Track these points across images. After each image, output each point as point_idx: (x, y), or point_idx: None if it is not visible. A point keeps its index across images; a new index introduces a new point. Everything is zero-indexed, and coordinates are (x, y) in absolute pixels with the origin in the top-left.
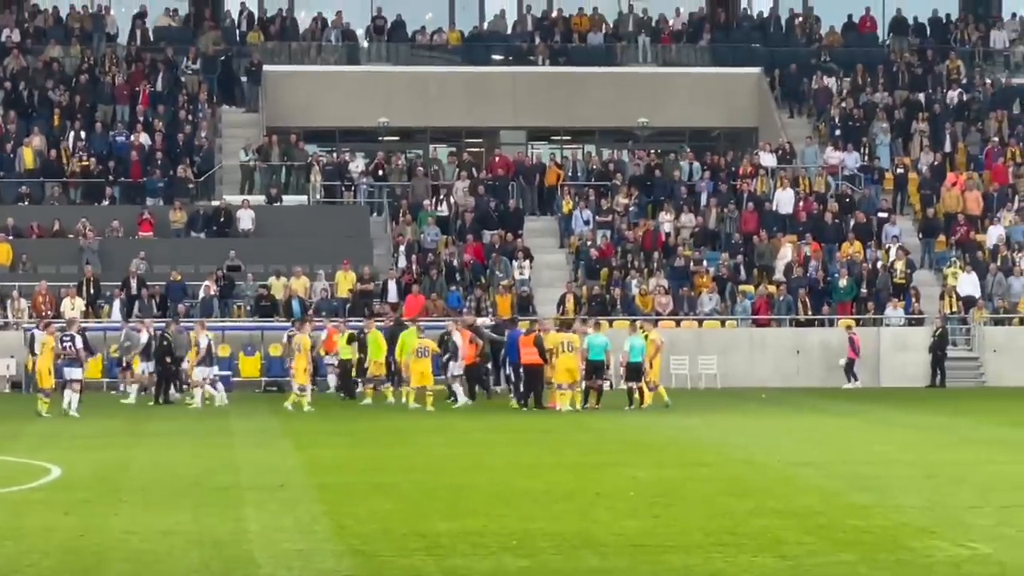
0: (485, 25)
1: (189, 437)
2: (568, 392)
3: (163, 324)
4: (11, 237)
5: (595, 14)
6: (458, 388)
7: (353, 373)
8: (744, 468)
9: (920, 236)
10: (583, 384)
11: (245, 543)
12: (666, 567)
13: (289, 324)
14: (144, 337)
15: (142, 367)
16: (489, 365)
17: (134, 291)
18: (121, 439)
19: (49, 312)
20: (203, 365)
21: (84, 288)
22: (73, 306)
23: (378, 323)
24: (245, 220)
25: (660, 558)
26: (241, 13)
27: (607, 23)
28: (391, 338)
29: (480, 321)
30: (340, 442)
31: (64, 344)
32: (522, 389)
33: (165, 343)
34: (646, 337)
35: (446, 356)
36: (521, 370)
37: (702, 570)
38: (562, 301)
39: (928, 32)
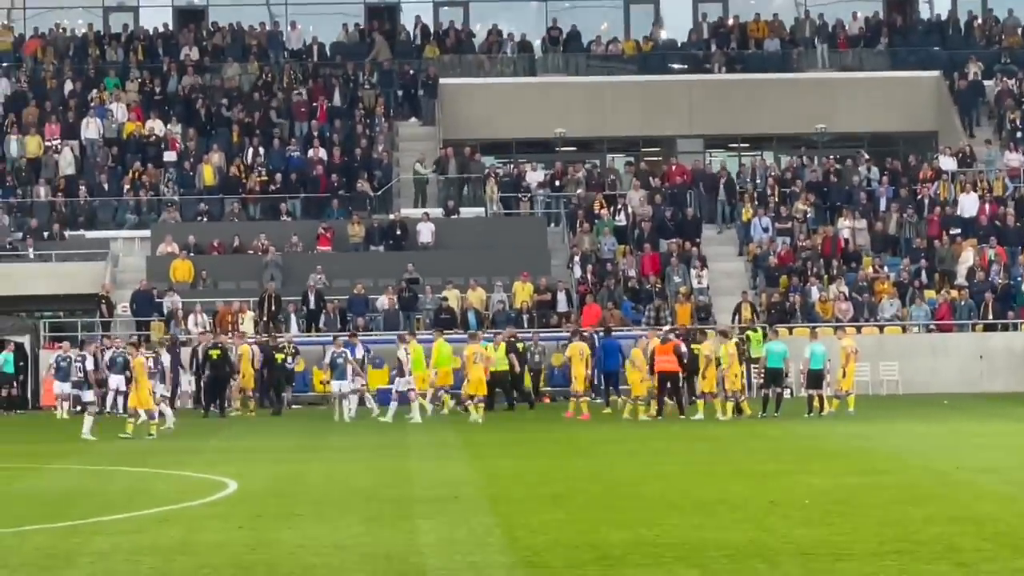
0: (662, 34)
1: (364, 451)
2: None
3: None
4: (192, 254)
5: (771, 20)
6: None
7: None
8: (922, 475)
9: None
10: (726, 392)
11: (417, 555)
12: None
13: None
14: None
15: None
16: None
17: (312, 305)
18: (297, 454)
19: (232, 328)
20: (340, 379)
21: (265, 304)
22: (244, 320)
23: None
24: (425, 233)
25: (833, 567)
26: (416, 26)
27: (784, 29)
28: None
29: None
30: (514, 452)
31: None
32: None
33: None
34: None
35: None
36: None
37: None
38: (738, 309)
39: None
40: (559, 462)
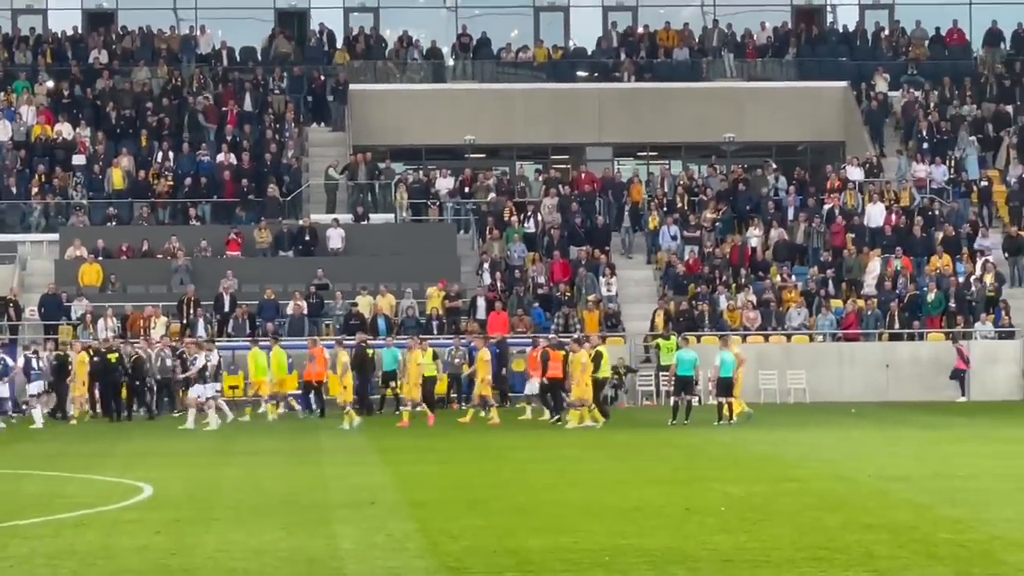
0: (572, 42)
1: (279, 456)
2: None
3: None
4: (101, 258)
5: (681, 30)
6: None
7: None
8: (835, 483)
9: (1006, 255)
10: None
11: (337, 561)
12: None
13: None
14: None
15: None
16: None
17: (226, 309)
18: (212, 458)
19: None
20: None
21: (183, 308)
22: (156, 325)
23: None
24: (335, 239)
25: (752, 573)
26: (326, 32)
27: (693, 38)
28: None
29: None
30: (430, 458)
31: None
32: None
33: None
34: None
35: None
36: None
37: None
38: (653, 317)
39: (1020, 43)
40: (475, 468)
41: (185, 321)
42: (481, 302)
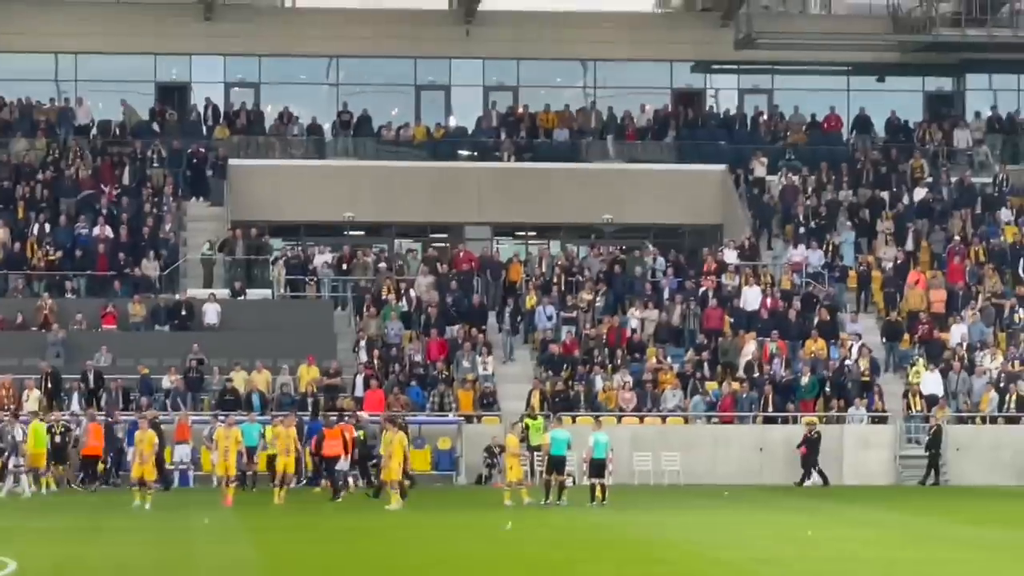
0: (452, 121)
1: (148, 533)
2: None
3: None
4: None
5: (561, 111)
6: None
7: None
8: (706, 566)
9: (884, 340)
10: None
11: None
12: None
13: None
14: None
15: None
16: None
17: (92, 384)
18: (79, 534)
19: (11, 406)
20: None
21: (44, 382)
22: (29, 398)
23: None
24: (210, 314)
25: None
26: (207, 108)
27: (573, 119)
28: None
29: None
30: (301, 538)
31: None
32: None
33: None
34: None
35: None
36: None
37: None
38: (529, 396)
39: (893, 131)
40: (348, 547)
41: (45, 396)
42: (359, 380)
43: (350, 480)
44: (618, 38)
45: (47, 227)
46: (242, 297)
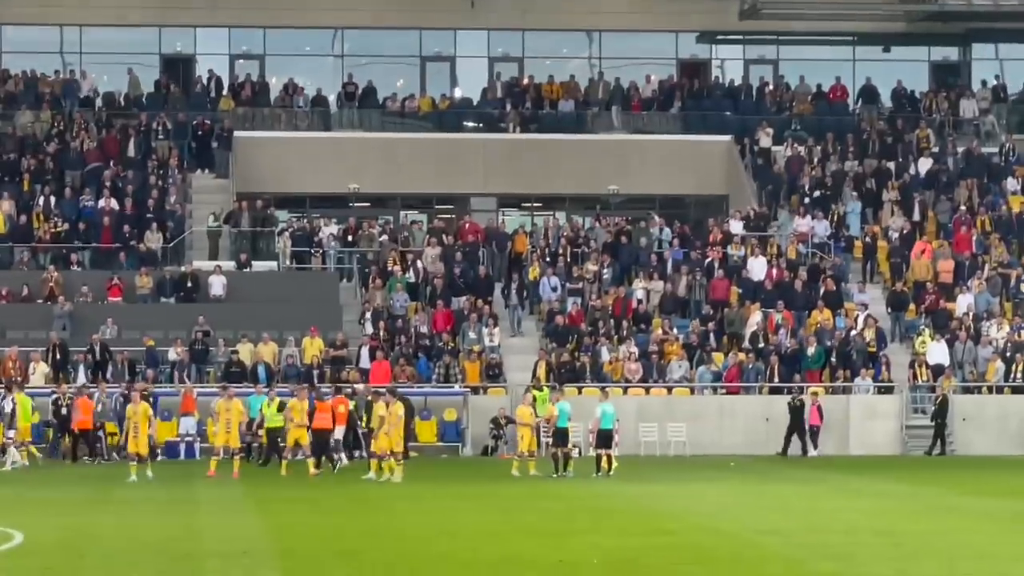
0: (457, 92)
1: (154, 504)
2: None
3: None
4: None
5: (567, 82)
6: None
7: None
8: (709, 536)
9: (890, 310)
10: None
11: None
12: None
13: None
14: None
15: None
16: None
17: (98, 356)
18: (86, 506)
19: (19, 378)
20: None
21: (51, 354)
22: (35, 371)
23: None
24: (216, 286)
25: None
26: (212, 79)
27: (578, 90)
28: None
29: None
30: (307, 508)
31: None
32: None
33: None
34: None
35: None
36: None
37: None
38: (535, 367)
39: (899, 101)
40: (351, 518)
41: (52, 367)
42: (364, 351)
43: (342, 455)
44: (623, 8)
45: (52, 199)
46: (248, 269)
